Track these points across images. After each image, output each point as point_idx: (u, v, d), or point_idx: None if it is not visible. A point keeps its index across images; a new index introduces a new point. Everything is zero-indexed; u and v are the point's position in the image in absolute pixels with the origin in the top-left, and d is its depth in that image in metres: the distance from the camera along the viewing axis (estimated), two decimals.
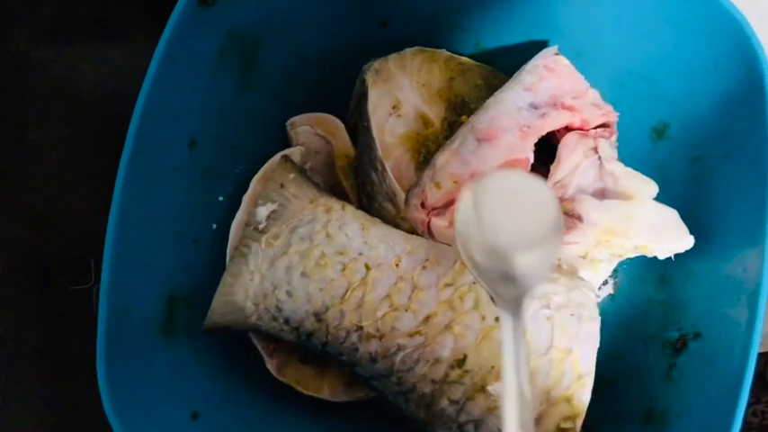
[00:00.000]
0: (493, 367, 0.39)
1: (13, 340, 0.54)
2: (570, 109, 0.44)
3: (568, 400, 0.39)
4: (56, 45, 0.59)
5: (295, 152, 0.48)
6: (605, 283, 0.49)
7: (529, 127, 0.43)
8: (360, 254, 0.42)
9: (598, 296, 0.49)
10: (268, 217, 0.44)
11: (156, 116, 0.41)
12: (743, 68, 0.42)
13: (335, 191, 0.48)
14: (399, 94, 0.46)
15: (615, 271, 0.49)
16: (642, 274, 0.47)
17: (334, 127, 0.49)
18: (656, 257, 0.43)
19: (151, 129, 0.40)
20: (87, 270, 0.55)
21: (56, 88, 0.58)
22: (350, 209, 0.44)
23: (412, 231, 0.44)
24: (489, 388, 0.39)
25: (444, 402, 0.40)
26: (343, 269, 0.42)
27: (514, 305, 0.33)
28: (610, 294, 0.49)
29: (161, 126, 0.41)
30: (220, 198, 0.47)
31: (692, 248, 0.42)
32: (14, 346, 0.54)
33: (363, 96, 0.46)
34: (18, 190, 0.56)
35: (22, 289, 0.55)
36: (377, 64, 0.46)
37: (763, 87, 0.41)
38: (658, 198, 0.43)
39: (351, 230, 0.43)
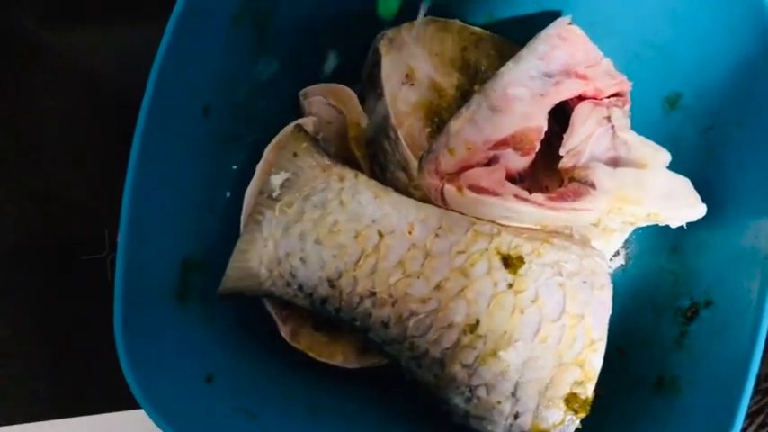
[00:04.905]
0: (505, 332, 0.40)
1: (30, 310, 0.55)
2: (584, 78, 0.43)
3: (580, 365, 0.39)
4: (66, 25, 0.59)
5: (308, 122, 0.48)
6: (617, 253, 0.49)
7: (542, 95, 0.43)
8: (373, 221, 0.42)
9: (610, 266, 0.49)
10: (282, 185, 0.44)
11: (171, 83, 0.41)
12: (756, 36, 0.42)
13: (348, 161, 0.48)
14: (412, 62, 0.46)
15: (627, 241, 0.49)
16: (654, 244, 0.48)
17: (347, 97, 0.49)
18: (667, 227, 0.43)
19: (165, 96, 0.40)
20: (102, 241, 0.56)
21: (68, 68, 0.58)
22: (363, 177, 0.44)
23: (424, 200, 0.44)
24: (501, 353, 0.39)
25: (457, 367, 0.40)
26: (357, 236, 0.42)
27: None
28: (621, 265, 0.49)
29: (175, 93, 0.41)
30: (234, 167, 0.47)
31: (703, 217, 0.42)
32: (31, 316, 0.55)
33: (376, 65, 0.46)
34: (33, 169, 0.57)
35: (37, 261, 0.56)
36: (390, 33, 0.46)
37: None
38: (671, 167, 0.43)
39: (364, 198, 0.43)
